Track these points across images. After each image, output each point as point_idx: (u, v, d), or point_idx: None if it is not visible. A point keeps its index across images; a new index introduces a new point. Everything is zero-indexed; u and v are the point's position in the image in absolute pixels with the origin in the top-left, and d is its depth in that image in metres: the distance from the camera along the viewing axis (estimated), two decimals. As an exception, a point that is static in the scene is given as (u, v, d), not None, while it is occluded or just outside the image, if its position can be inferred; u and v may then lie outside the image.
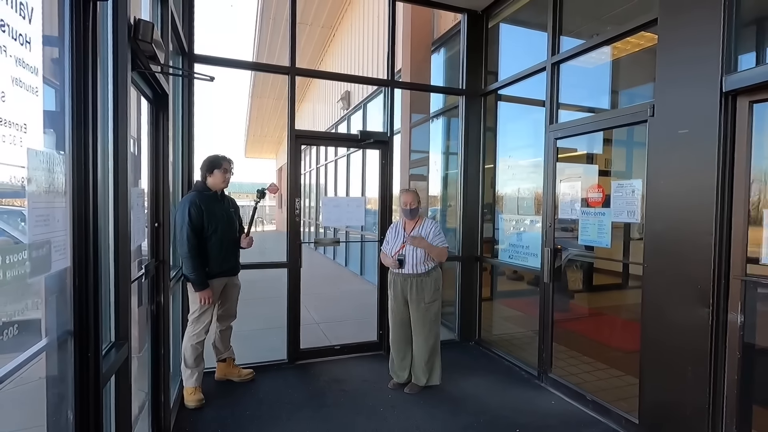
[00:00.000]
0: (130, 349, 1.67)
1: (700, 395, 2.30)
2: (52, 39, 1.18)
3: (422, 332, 3.26)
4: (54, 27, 1.21)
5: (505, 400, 3.22)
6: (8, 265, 0.83)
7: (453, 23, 4.93)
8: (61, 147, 1.13)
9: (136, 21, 1.68)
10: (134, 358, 2.40)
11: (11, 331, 0.86)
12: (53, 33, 1.20)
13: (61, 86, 1.18)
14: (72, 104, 1.16)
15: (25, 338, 0.99)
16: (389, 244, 3.37)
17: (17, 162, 0.86)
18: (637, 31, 2.83)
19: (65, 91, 1.16)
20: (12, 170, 0.85)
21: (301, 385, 3.44)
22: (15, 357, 0.94)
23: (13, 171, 0.86)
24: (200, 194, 3.05)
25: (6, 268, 0.82)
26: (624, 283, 3.31)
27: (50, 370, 1.12)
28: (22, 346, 0.99)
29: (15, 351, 0.96)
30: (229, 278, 3.24)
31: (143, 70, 1.94)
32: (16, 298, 0.92)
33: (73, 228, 1.12)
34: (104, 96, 1.58)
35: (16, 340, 0.91)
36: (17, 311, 0.93)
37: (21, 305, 0.91)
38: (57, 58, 1.22)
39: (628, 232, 3.10)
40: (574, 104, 3.65)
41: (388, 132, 4.14)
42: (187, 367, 3.06)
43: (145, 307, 2.41)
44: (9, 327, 0.86)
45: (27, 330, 1.00)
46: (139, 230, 2.23)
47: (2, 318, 0.85)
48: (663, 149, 2.51)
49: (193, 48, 3.41)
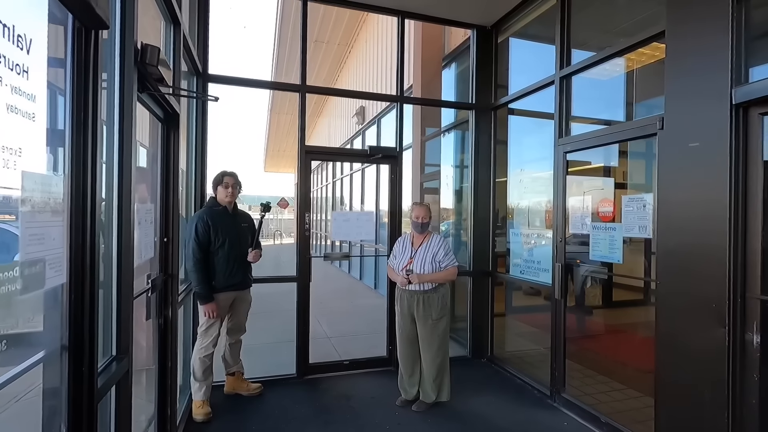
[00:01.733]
0: (131, 363, 1.70)
1: (719, 420, 2.18)
2: (56, 63, 1.25)
3: (430, 350, 3.22)
4: (59, 52, 1.28)
5: (516, 420, 3.13)
6: None
7: (463, 39, 4.96)
8: (60, 168, 1.18)
9: (143, 46, 1.76)
10: (144, 371, 2.46)
11: (3, 345, 0.89)
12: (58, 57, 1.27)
13: (64, 110, 1.23)
14: (72, 127, 1.22)
15: (20, 351, 1.03)
16: (396, 258, 3.36)
17: (11, 184, 0.91)
18: (645, 44, 2.80)
19: (66, 114, 1.22)
20: (6, 192, 0.90)
21: (309, 400, 3.43)
22: (10, 369, 0.98)
23: (8, 192, 0.90)
24: (210, 210, 3.13)
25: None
26: (640, 299, 3.20)
27: (46, 383, 1.15)
28: (17, 359, 1.02)
29: (10, 364, 0.99)
30: (239, 292, 3.29)
31: (152, 92, 2.02)
32: (10, 313, 0.95)
33: (70, 245, 1.17)
34: (110, 116, 1.65)
35: (11, 353, 0.95)
36: (11, 326, 0.96)
37: (12, 321, 0.94)
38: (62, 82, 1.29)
39: (649, 247, 2.99)
40: (586, 117, 3.60)
41: (397, 147, 4.16)
42: (196, 380, 3.10)
43: (154, 320, 2.46)
44: (3, 340, 0.90)
45: (22, 344, 1.04)
46: (147, 245, 2.29)
47: None
48: (674, 163, 2.44)
49: (207, 68, 3.54)
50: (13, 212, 0.94)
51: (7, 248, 1.01)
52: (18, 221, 0.94)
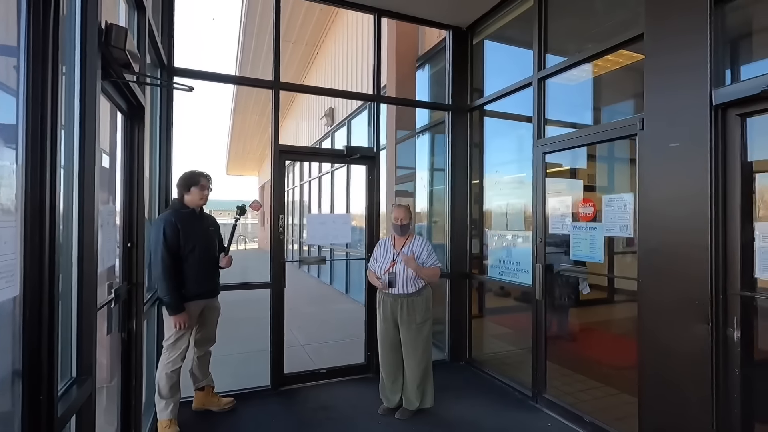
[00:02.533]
0: (94, 385, 1.49)
1: (703, 414, 2.22)
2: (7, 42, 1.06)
3: (414, 355, 3.12)
4: (11, 29, 1.08)
5: (500, 424, 3.09)
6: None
7: (438, 39, 4.94)
8: (12, 161, 0.99)
9: (108, 26, 1.57)
10: (103, 389, 2.21)
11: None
12: (10, 35, 1.08)
13: (16, 94, 1.04)
14: (26, 114, 1.03)
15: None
16: (378, 262, 3.25)
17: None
18: (625, 45, 2.85)
19: (19, 100, 1.03)
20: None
21: (286, 413, 3.24)
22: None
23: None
24: (177, 213, 2.90)
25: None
26: (611, 297, 3.25)
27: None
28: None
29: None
30: (208, 300, 3.06)
31: (116, 80, 1.82)
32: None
33: (24, 251, 0.98)
34: (70, 106, 1.45)
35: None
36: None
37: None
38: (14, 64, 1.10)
39: (612, 245, 3.04)
40: (560, 120, 3.65)
41: (374, 147, 4.06)
42: (162, 398, 2.84)
43: (116, 334, 2.22)
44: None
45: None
46: (109, 251, 2.07)
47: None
48: (654, 163, 2.49)
49: (172, 60, 3.30)
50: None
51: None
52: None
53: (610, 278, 3.19)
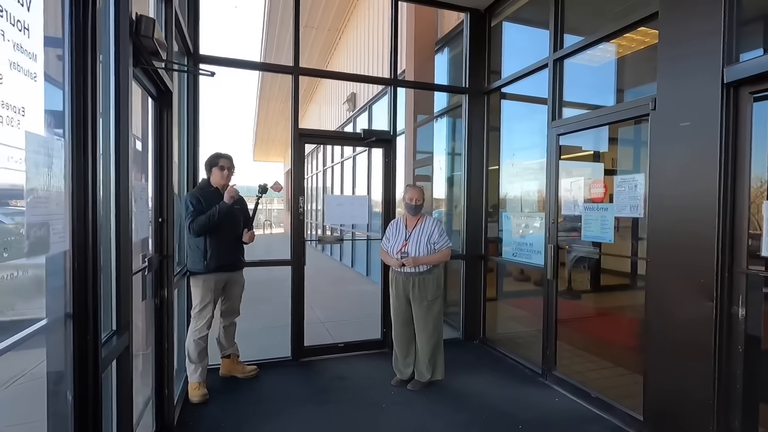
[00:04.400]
0: (131, 338, 1.69)
1: (704, 390, 2.27)
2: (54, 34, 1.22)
3: (425, 330, 3.26)
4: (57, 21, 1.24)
5: (509, 397, 3.20)
6: (6, 243, 0.86)
7: (456, 22, 4.94)
8: (60, 135, 1.16)
9: (138, 17, 1.72)
10: (140, 355, 2.45)
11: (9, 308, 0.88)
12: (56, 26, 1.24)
13: (61, 76, 1.21)
14: (72, 93, 1.19)
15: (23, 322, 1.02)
16: (390, 241, 3.38)
17: (16, 143, 0.89)
18: (639, 25, 2.82)
19: (65, 81, 1.20)
20: (10, 151, 0.88)
21: (305, 381, 3.46)
22: (13, 335, 0.97)
23: (12, 152, 0.89)
24: (201, 190, 3.12)
25: (4, 246, 0.85)
26: (632, 282, 3.28)
27: (50, 350, 1.15)
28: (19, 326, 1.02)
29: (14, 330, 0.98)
30: (230, 274, 3.27)
31: (146, 66, 1.99)
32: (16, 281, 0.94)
33: (72, 213, 1.15)
34: (106, 91, 1.62)
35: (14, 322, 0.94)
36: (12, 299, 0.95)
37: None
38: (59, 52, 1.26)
39: (637, 230, 3.06)
40: (578, 102, 3.63)
41: (391, 130, 4.16)
42: (191, 363, 3.10)
43: (150, 301, 2.45)
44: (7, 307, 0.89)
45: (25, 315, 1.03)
46: (142, 224, 2.27)
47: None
48: (665, 142, 2.49)
49: (198, 48, 3.47)
50: (18, 172, 0.92)
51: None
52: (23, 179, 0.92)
53: (621, 258, 3.21)
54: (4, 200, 0.94)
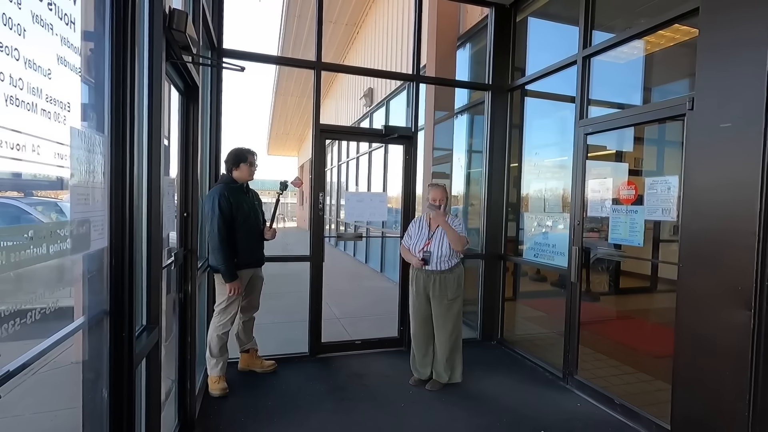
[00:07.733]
0: (161, 333, 1.70)
1: (739, 401, 2.19)
2: (92, 28, 1.21)
3: (445, 329, 3.23)
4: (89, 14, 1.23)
5: (529, 401, 3.15)
6: (51, 239, 0.85)
7: (480, 18, 4.85)
8: (100, 130, 1.15)
9: (171, 10, 1.71)
10: (162, 347, 2.46)
11: (50, 309, 0.87)
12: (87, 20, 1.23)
13: (101, 72, 1.20)
14: (111, 89, 1.18)
15: (61, 318, 1.01)
16: (412, 239, 3.34)
17: (61, 139, 0.88)
18: (675, 21, 2.72)
19: (105, 76, 1.18)
20: (55, 147, 0.87)
21: (322, 378, 3.46)
22: (53, 334, 0.96)
23: (57, 148, 0.87)
24: (227, 186, 3.10)
25: (49, 241, 0.84)
26: (653, 286, 3.19)
27: (88, 348, 1.14)
28: (58, 325, 1.01)
29: (52, 330, 0.98)
30: (255, 270, 3.29)
31: (176, 61, 1.98)
32: (57, 277, 0.93)
33: (111, 209, 1.14)
34: (140, 85, 1.61)
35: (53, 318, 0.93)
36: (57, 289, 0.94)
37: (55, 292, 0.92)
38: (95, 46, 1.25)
39: (658, 232, 2.98)
40: (603, 100, 3.53)
41: (412, 127, 4.11)
42: (212, 357, 3.12)
43: (173, 295, 2.46)
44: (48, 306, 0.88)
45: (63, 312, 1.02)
46: (169, 219, 2.27)
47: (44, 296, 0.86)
48: (702, 144, 2.40)
49: (222, 42, 3.46)
50: (63, 167, 0.91)
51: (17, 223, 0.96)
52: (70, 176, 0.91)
53: (650, 263, 3.13)
54: (51, 197, 0.93)
